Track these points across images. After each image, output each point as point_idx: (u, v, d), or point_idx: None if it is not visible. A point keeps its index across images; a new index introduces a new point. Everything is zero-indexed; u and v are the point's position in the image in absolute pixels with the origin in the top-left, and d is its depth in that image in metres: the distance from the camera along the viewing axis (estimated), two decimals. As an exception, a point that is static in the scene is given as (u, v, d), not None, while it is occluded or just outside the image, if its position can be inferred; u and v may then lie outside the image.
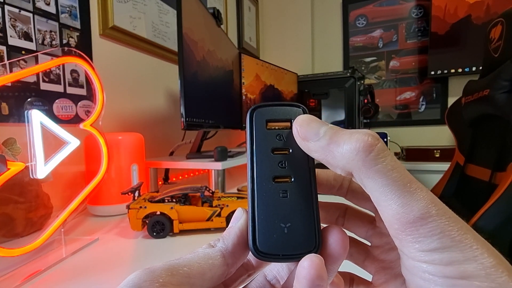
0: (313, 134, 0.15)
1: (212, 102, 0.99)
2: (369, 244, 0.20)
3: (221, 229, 0.55)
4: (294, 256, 0.15)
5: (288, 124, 0.17)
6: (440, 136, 1.81)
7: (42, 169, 0.44)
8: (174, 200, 0.56)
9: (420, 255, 0.13)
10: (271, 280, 0.19)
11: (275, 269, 0.19)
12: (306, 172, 0.16)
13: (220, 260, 0.15)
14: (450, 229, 0.13)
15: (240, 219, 0.17)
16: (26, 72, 0.47)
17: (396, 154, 1.77)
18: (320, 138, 0.15)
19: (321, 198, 0.17)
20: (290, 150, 0.16)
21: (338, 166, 0.15)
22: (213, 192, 0.60)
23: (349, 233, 0.19)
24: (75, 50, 0.53)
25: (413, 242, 0.13)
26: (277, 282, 0.19)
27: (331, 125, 0.16)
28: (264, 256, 0.15)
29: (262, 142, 0.17)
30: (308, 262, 0.14)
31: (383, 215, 0.14)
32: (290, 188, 0.16)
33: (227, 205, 0.55)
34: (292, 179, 0.16)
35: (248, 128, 0.17)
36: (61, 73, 0.75)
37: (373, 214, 0.19)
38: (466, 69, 1.69)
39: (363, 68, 2.00)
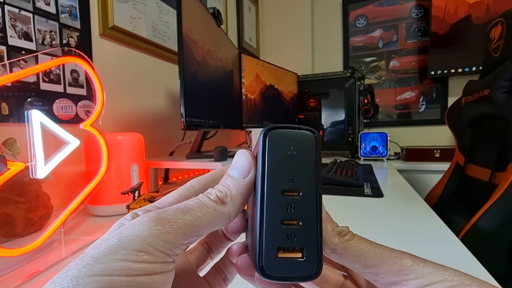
0: None
1: (212, 102, 0.99)
2: None
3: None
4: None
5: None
6: (440, 136, 1.81)
7: (42, 169, 0.44)
8: (174, 200, 0.55)
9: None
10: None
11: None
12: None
13: (226, 221, 0.16)
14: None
15: (249, 172, 0.16)
16: (26, 72, 0.47)
17: (396, 154, 1.77)
18: None
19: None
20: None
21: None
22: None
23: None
24: (75, 50, 0.53)
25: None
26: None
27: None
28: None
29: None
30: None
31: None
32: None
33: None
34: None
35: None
36: (61, 73, 0.75)
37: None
38: (466, 69, 1.69)
39: (363, 68, 2.00)
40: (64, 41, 0.76)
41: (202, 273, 0.20)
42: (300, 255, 0.15)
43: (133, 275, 0.12)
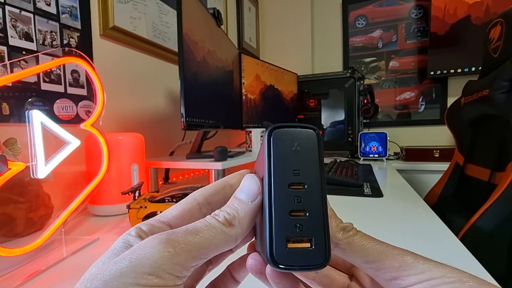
0: None
1: (212, 102, 0.99)
2: None
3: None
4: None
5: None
6: (440, 136, 1.81)
7: (42, 169, 0.44)
8: (174, 200, 0.56)
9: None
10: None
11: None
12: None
13: (233, 243, 0.16)
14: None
15: (257, 196, 0.17)
16: (27, 72, 0.48)
17: (395, 154, 1.77)
18: None
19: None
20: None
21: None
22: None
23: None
24: (75, 50, 0.53)
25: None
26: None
27: None
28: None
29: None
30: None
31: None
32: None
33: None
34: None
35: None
36: (61, 73, 0.75)
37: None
38: (465, 69, 1.70)
39: (362, 68, 2.00)
40: (65, 42, 0.76)
41: None
42: (308, 245, 0.16)
43: None
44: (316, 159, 0.17)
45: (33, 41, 0.69)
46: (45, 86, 0.71)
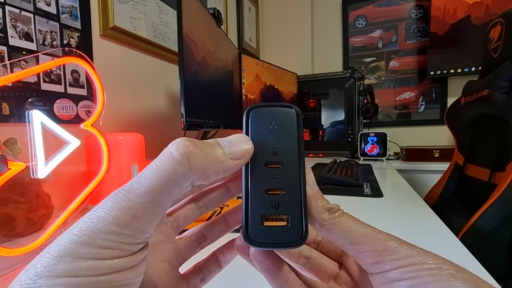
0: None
1: (212, 102, 0.99)
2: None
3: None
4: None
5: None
6: (440, 136, 1.81)
7: (42, 169, 0.44)
8: (174, 200, 0.55)
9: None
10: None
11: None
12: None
13: (182, 183, 0.15)
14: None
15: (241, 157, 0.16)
16: (27, 72, 0.47)
17: (395, 154, 1.77)
18: None
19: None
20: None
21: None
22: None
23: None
24: (75, 50, 0.53)
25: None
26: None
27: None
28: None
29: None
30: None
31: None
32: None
33: (227, 205, 0.55)
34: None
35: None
36: (61, 73, 0.75)
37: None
38: (465, 69, 1.70)
39: (362, 68, 2.00)
40: (65, 42, 0.76)
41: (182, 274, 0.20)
42: (285, 223, 0.16)
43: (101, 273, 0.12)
44: (294, 138, 0.17)
45: (33, 41, 0.69)
46: (45, 86, 0.71)
